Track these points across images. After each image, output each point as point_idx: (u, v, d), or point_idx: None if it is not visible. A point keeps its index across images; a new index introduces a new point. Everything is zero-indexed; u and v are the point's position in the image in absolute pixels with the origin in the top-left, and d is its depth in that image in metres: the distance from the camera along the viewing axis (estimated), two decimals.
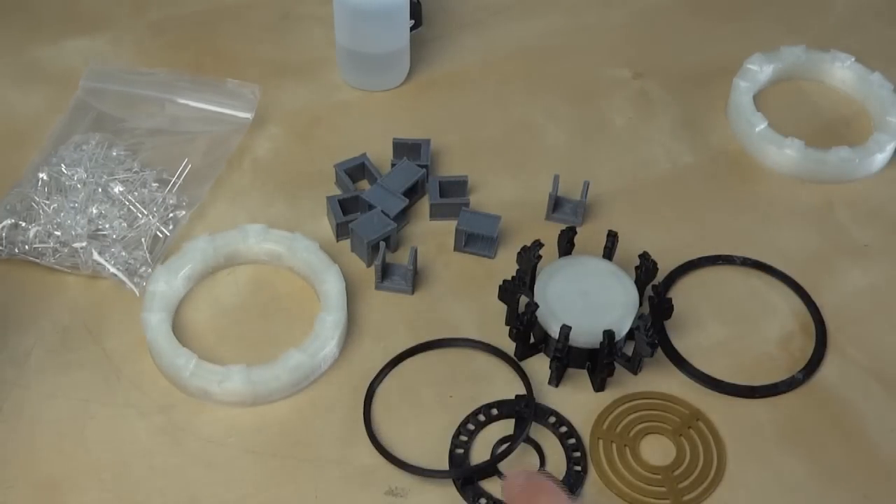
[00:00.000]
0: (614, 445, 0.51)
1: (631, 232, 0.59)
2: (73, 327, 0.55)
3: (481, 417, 0.52)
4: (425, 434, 0.52)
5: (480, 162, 0.65)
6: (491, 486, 0.50)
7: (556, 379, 0.54)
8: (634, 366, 0.54)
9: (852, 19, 0.77)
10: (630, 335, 0.54)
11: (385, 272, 0.58)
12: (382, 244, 0.57)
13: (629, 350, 0.54)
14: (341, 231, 0.60)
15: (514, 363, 0.54)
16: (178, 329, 0.55)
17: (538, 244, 0.55)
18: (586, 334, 0.53)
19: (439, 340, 0.55)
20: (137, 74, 0.67)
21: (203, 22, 0.74)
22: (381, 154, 0.64)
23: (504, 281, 0.55)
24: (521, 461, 0.51)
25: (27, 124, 0.66)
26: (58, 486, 0.50)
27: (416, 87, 0.70)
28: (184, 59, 0.71)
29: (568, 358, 0.53)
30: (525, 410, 0.52)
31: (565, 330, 0.52)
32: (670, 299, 0.54)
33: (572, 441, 0.52)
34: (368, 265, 0.59)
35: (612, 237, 0.57)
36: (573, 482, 0.50)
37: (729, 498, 0.50)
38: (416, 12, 0.70)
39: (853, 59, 0.70)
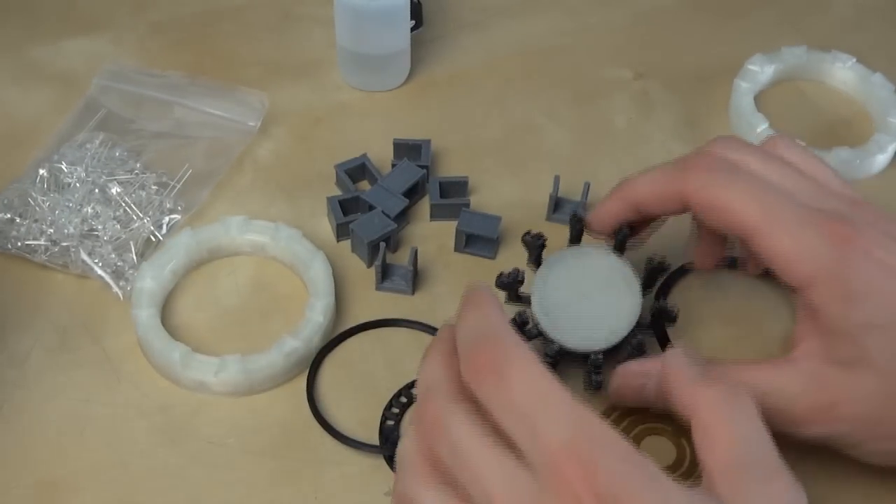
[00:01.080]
0: None
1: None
2: (72, 327, 0.55)
3: (414, 390, 0.53)
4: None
5: (481, 162, 0.65)
6: None
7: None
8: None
9: (853, 20, 0.77)
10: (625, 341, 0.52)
11: (385, 273, 0.58)
12: (383, 245, 0.57)
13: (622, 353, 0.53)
14: (341, 232, 0.60)
15: None
16: (168, 325, 0.55)
17: (541, 236, 0.54)
18: (583, 339, 0.52)
19: (387, 320, 0.56)
20: (150, 76, 0.67)
21: (203, 22, 0.74)
22: (381, 154, 0.64)
23: (500, 276, 0.53)
24: None
25: (27, 124, 0.66)
26: (57, 487, 0.50)
27: (417, 87, 0.70)
28: (184, 60, 0.71)
29: (562, 361, 0.52)
30: None
31: (555, 347, 0.51)
32: (675, 313, 0.53)
33: None
34: (369, 266, 0.59)
35: (624, 231, 0.54)
36: None
37: None
38: (416, 13, 0.70)
39: (854, 60, 0.70)
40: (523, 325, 0.53)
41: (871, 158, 0.64)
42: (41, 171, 0.59)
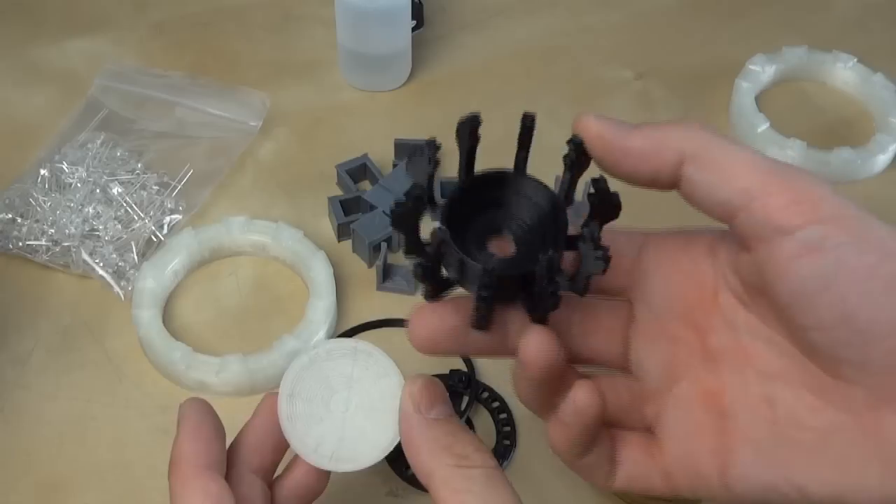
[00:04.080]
0: None
1: None
2: (73, 327, 0.56)
3: None
4: None
5: (482, 163, 0.65)
6: None
7: (485, 320, 0.40)
8: (580, 286, 0.39)
9: (855, 20, 0.77)
10: (572, 246, 0.40)
11: (386, 273, 0.58)
12: (384, 245, 0.57)
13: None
14: (343, 232, 0.60)
15: None
16: (169, 325, 0.55)
17: (433, 144, 0.42)
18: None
19: (388, 320, 0.56)
20: (151, 76, 0.67)
21: (205, 22, 0.74)
22: (382, 154, 0.64)
23: (396, 204, 0.39)
24: None
25: (28, 124, 0.66)
26: (58, 487, 0.50)
27: (418, 87, 0.70)
28: (185, 60, 0.71)
29: (497, 291, 0.38)
30: (459, 385, 0.53)
31: (493, 263, 0.39)
32: (616, 194, 0.41)
33: (504, 416, 0.53)
34: (370, 266, 0.59)
35: (529, 120, 0.41)
36: (501, 454, 0.51)
37: None
38: (417, 13, 0.70)
39: (855, 60, 0.70)
40: (441, 254, 0.39)
41: (873, 159, 0.64)
42: (42, 172, 0.60)
